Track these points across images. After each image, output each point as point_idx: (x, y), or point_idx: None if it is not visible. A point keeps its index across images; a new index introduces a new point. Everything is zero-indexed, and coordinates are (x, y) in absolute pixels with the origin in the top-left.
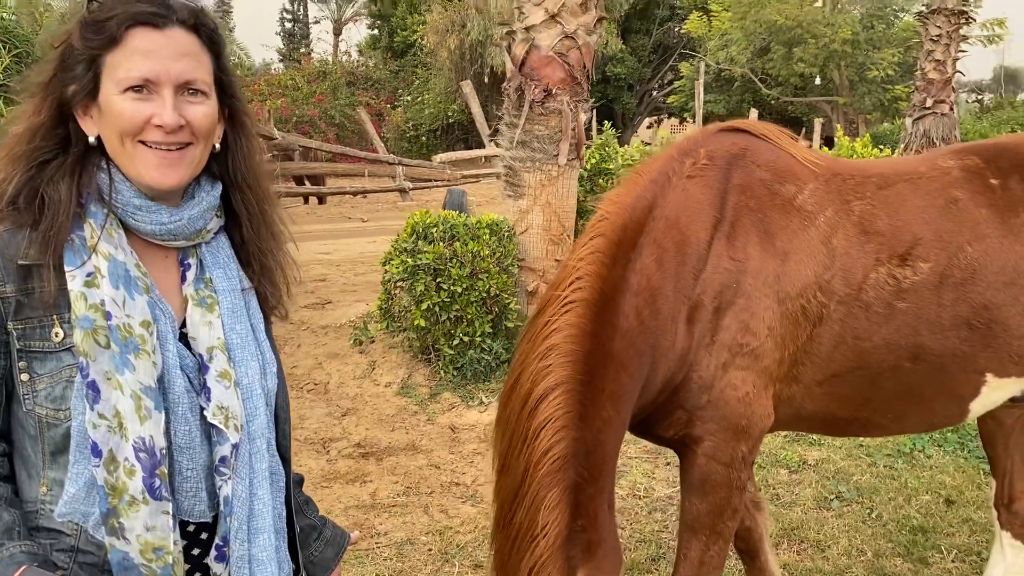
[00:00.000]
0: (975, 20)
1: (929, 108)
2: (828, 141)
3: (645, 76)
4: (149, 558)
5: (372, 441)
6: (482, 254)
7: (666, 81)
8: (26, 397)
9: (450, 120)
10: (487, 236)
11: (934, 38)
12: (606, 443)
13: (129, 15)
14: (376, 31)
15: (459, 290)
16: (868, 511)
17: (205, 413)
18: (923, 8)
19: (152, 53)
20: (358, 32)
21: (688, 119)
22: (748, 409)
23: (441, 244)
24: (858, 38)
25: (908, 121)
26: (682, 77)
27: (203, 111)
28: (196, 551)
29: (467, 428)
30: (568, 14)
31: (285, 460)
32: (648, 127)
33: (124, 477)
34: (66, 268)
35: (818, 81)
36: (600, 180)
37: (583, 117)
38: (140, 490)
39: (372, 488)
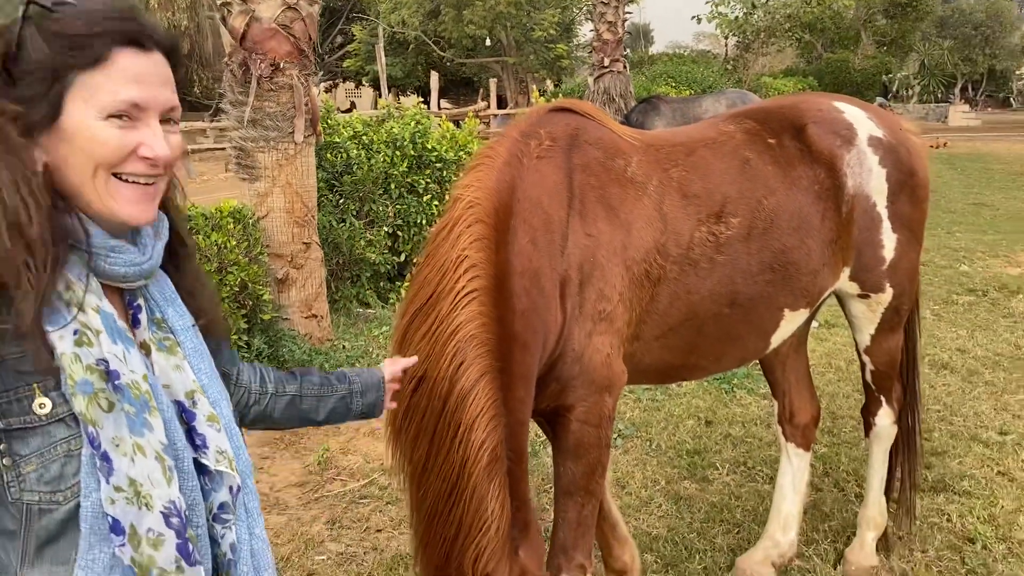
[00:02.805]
0: None
1: (607, 67)
2: (500, 101)
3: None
4: None
5: None
6: (228, 245)
7: (336, 44)
8: (11, 485)
9: None
10: (231, 225)
11: (604, 1)
12: (523, 423)
13: (121, 33)
14: None
15: None
16: (648, 443)
17: (204, 461)
18: None
19: (142, 77)
20: None
21: (365, 83)
22: (609, 370)
23: None
24: (520, 0)
25: (590, 80)
26: (354, 40)
27: (178, 141)
28: None
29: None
30: None
31: None
32: (326, 91)
33: (149, 550)
34: (48, 328)
35: (488, 42)
36: (328, 155)
37: (315, 91)
38: (172, 559)
39: None
